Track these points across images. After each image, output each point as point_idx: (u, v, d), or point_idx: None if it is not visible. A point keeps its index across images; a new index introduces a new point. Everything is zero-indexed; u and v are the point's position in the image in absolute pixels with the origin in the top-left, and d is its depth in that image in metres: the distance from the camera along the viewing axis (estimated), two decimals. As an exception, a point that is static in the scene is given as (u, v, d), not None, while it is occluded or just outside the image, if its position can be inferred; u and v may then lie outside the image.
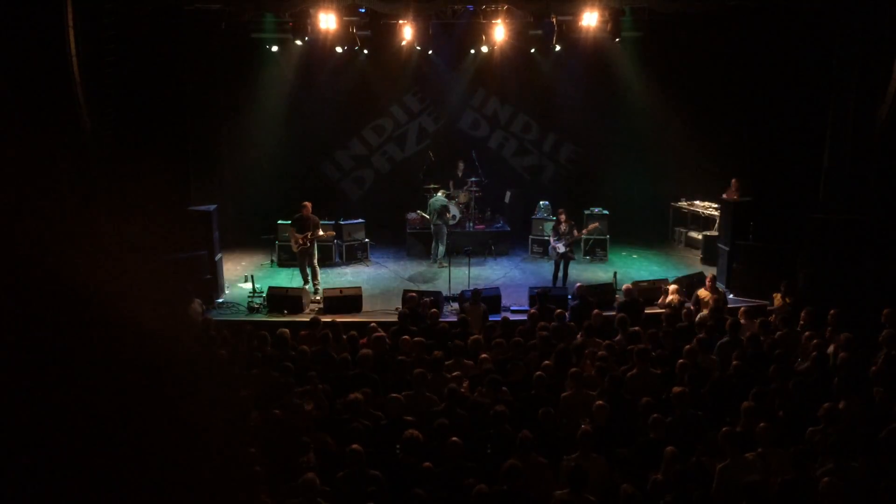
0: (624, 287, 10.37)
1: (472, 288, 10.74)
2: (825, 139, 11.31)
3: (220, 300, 11.69)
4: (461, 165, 14.73)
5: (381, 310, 11.11)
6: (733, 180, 12.99)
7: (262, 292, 11.44)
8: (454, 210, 14.05)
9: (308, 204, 12.07)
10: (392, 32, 13.48)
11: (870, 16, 10.47)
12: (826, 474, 5.01)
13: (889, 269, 9.91)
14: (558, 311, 9.09)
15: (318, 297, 11.60)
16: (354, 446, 5.39)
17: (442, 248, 13.36)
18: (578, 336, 8.51)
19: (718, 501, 5.22)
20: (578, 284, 11.15)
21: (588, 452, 5.60)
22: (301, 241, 11.77)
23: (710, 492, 5.27)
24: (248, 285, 12.02)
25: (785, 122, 11.83)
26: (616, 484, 5.31)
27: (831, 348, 7.65)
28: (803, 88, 11.58)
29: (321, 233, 11.94)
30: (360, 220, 14.14)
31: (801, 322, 8.40)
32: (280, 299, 11.07)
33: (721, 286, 11.30)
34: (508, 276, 13.02)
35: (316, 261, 12.23)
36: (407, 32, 13.16)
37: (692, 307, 9.67)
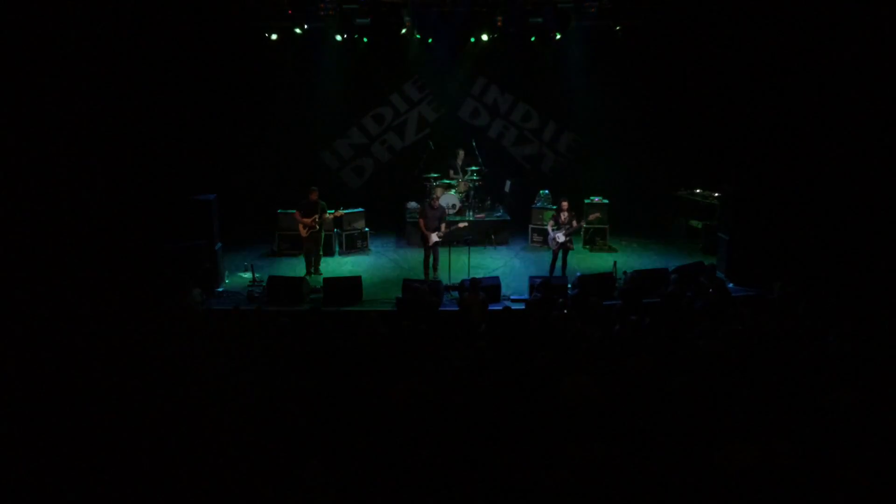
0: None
1: (470, 277, 10.74)
2: (826, 129, 11.30)
3: (220, 289, 11.69)
4: (461, 154, 14.70)
5: (380, 299, 11.12)
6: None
7: (262, 281, 11.45)
8: (454, 200, 14.10)
9: (315, 190, 12.19)
10: (392, 20, 13.43)
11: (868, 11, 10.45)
12: (826, 464, 5.02)
13: (889, 259, 9.91)
14: (559, 300, 9.11)
15: (318, 287, 11.63)
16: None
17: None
18: (578, 324, 8.51)
19: (718, 490, 5.23)
20: (579, 274, 11.17)
21: (586, 439, 5.61)
22: (309, 224, 11.93)
23: (709, 480, 5.28)
24: (248, 274, 12.05)
25: (787, 110, 11.81)
26: (615, 471, 5.32)
27: (831, 337, 7.64)
28: (805, 77, 11.55)
29: (327, 216, 12.15)
30: (360, 210, 14.12)
31: (802, 311, 8.40)
32: (280, 288, 11.08)
33: (721, 275, 11.29)
34: (508, 266, 13.02)
35: (321, 248, 12.40)
36: (407, 20, 13.11)
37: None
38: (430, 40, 14.77)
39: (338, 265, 13.12)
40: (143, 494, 4.80)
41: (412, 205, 14.64)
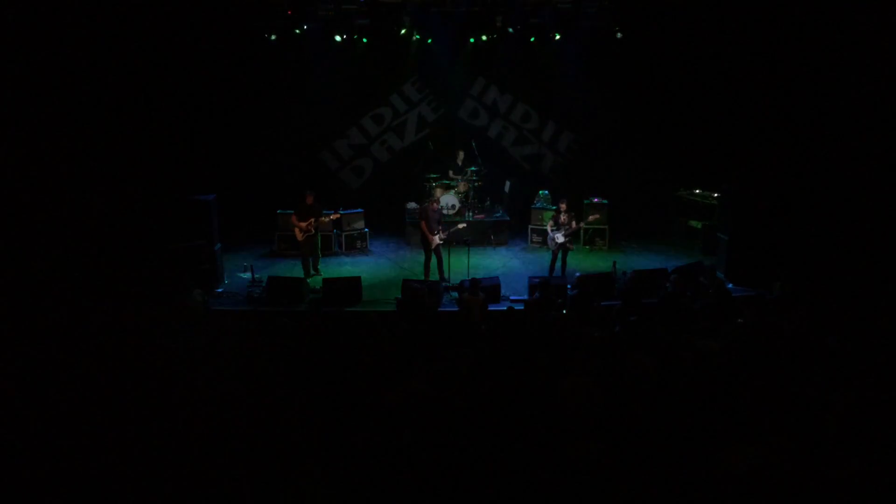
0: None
1: (470, 278, 10.73)
2: (825, 129, 11.30)
3: (220, 290, 11.69)
4: (461, 155, 14.70)
5: (380, 299, 11.11)
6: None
7: (262, 282, 11.44)
8: (454, 200, 14.11)
9: (311, 193, 12.22)
10: (391, 20, 13.44)
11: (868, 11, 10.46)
12: (826, 464, 5.02)
13: (889, 259, 9.91)
14: (558, 300, 9.11)
15: (317, 288, 11.64)
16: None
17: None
18: (577, 325, 8.50)
19: (718, 490, 5.22)
20: (578, 274, 11.17)
21: (586, 439, 5.60)
22: (305, 228, 11.97)
23: (709, 480, 5.28)
24: (248, 275, 12.03)
25: (786, 110, 11.81)
26: (614, 471, 5.32)
27: (831, 337, 7.64)
28: (805, 77, 11.56)
29: (324, 219, 12.13)
30: (359, 210, 14.13)
31: (802, 311, 8.39)
32: (280, 289, 11.07)
33: (720, 275, 11.29)
34: (508, 266, 13.02)
35: (319, 250, 12.44)
36: (406, 21, 13.11)
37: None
38: (429, 40, 14.76)
39: (337, 265, 13.12)
40: (142, 494, 4.80)
41: (412, 205, 14.65)
